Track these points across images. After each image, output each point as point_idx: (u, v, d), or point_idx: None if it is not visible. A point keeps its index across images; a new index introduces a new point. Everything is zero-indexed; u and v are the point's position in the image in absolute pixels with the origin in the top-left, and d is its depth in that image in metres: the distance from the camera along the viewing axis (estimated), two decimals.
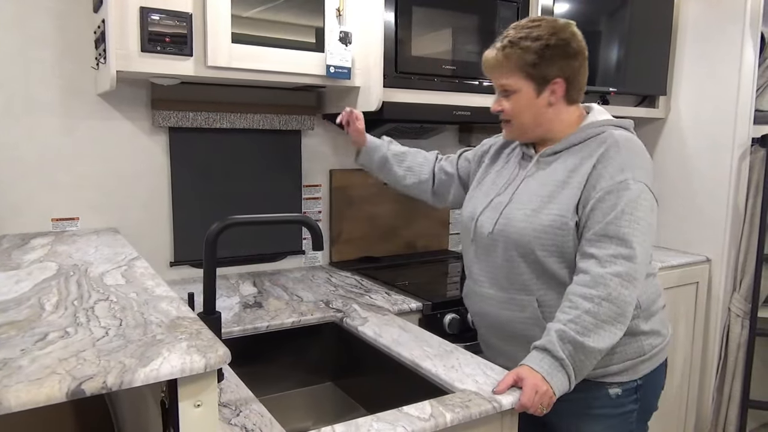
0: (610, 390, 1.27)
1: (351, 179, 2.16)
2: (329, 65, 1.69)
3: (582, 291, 1.15)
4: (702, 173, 2.46)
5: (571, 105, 1.30)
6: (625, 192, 1.17)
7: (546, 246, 1.23)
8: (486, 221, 1.33)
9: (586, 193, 1.20)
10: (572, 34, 1.25)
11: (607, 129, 1.27)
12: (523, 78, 1.24)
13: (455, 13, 1.90)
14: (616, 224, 1.16)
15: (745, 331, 2.42)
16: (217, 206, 1.90)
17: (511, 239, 1.26)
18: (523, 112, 1.28)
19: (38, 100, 1.64)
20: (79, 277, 1.16)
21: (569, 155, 1.26)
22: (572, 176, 1.23)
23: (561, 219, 1.21)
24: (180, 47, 1.50)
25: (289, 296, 1.72)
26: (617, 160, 1.20)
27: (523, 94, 1.26)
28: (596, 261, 1.15)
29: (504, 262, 1.29)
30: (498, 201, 1.33)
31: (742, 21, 2.29)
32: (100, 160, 1.74)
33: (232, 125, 1.87)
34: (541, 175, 1.29)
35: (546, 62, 1.22)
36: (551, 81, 1.24)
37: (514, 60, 1.23)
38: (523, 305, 1.28)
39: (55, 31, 1.64)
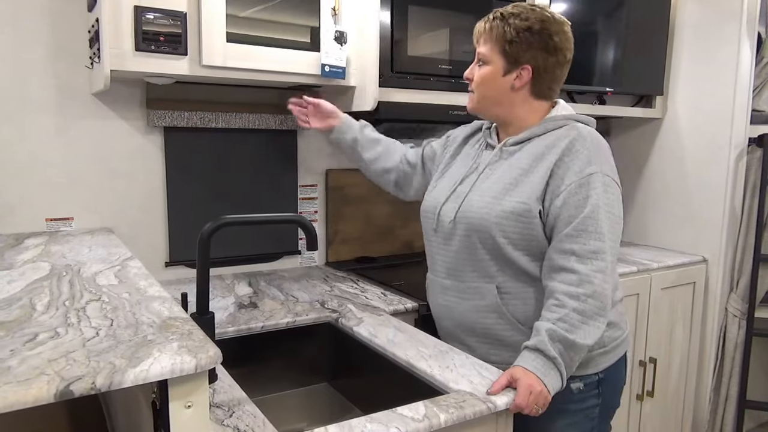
0: (572, 384, 1.27)
1: (347, 179, 2.16)
2: (324, 64, 1.68)
3: (567, 289, 1.16)
4: (699, 173, 2.46)
5: (538, 99, 1.31)
6: (596, 185, 1.19)
7: (507, 233, 1.24)
8: (448, 210, 1.34)
9: (554, 184, 1.21)
10: (560, 31, 1.26)
11: (570, 123, 1.29)
12: (497, 52, 1.27)
13: (452, 12, 1.89)
14: (593, 218, 1.17)
15: (742, 331, 2.42)
16: (213, 206, 1.89)
17: (471, 225, 1.28)
18: (487, 85, 1.30)
19: (32, 99, 1.64)
20: (72, 277, 1.15)
21: (531, 145, 1.28)
22: (536, 165, 1.24)
23: (523, 206, 1.22)
24: (174, 46, 1.49)
25: (285, 296, 1.71)
26: (584, 153, 1.21)
27: (492, 68, 1.28)
28: (577, 258, 1.16)
29: (464, 248, 1.30)
30: (460, 190, 1.35)
31: (739, 21, 2.29)
32: (94, 159, 1.73)
33: (228, 125, 1.87)
34: (503, 164, 1.30)
35: (522, 45, 1.24)
36: (521, 65, 1.26)
37: (495, 32, 1.26)
38: (482, 293, 1.29)
39: (48, 30, 1.64)
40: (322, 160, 2.12)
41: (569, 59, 1.30)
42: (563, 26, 1.28)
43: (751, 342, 2.41)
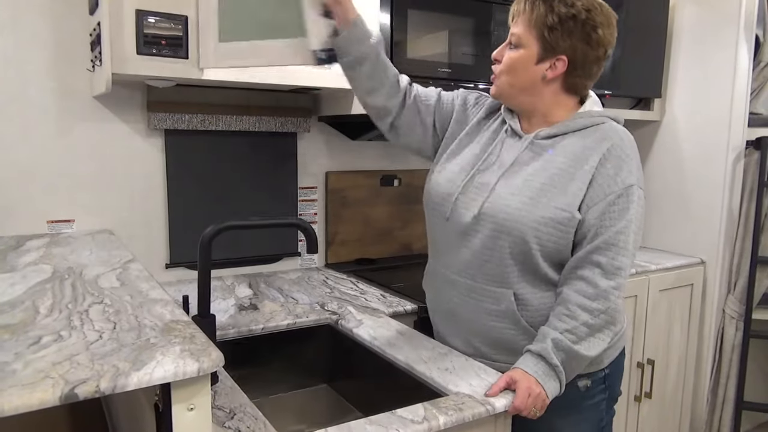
0: (579, 383, 1.26)
1: (346, 181, 2.17)
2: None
3: (582, 302, 1.14)
4: (697, 175, 2.47)
5: (568, 93, 1.23)
6: (634, 198, 1.15)
7: (542, 241, 1.16)
8: (468, 201, 1.24)
9: (593, 192, 1.15)
10: (607, 24, 1.17)
11: (607, 121, 1.22)
12: (534, 36, 1.16)
13: (451, 16, 1.90)
14: (625, 234, 1.14)
15: (739, 333, 2.43)
16: (213, 208, 1.90)
17: (503, 227, 1.18)
18: (517, 71, 1.19)
19: (33, 102, 1.64)
20: (74, 279, 1.16)
21: (566, 141, 1.20)
22: (577, 168, 1.16)
23: (564, 214, 1.15)
24: (176, 50, 1.49)
25: (285, 298, 1.72)
26: (626, 162, 1.16)
27: (526, 53, 1.18)
28: (601, 272, 1.14)
29: (486, 249, 1.21)
30: (483, 180, 1.24)
31: (736, 24, 2.30)
32: (95, 162, 1.74)
33: (228, 127, 1.88)
34: (537, 158, 1.20)
35: (563, 33, 1.15)
36: (556, 55, 1.17)
37: (536, 14, 1.15)
38: (498, 298, 1.22)
39: (50, 34, 1.64)
40: (321, 162, 2.12)
41: (609, 56, 1.21)
42: (610, 19, 1.19)
43: (748, 344, 2.42)
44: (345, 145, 2.17)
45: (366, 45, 1.27)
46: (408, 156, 2.31)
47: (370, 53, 1.28)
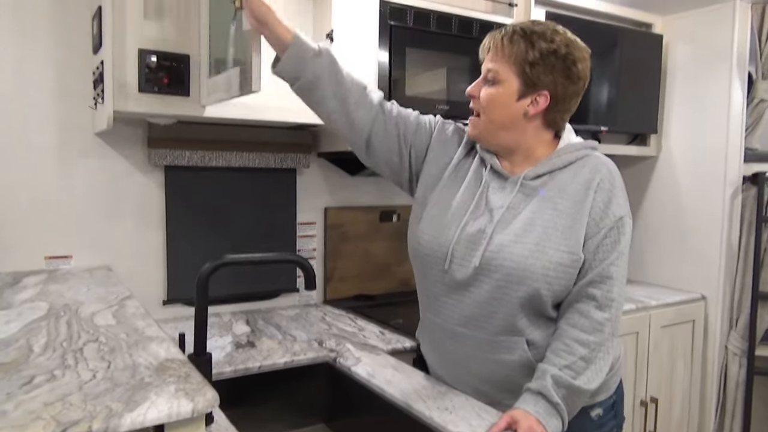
0: (592, 413, 1.25)
1: (345, 217, 2.17)
2: None
3: (579, 336, 1.13)
4: (695, 210, 2.48)
5: (548, 128, 1.21)
6: (625, 230, 1.16)
7: (552, 286, 1.13)
8: (466, 252, 1.18)
9: (589, 228, 1.15)
10: (583, 58, 1.17)
11: (590, 152, 1.22)
12: (514, 72, 1.14)
13: (449, 54, 1.93)
14: (617, 266, 1.14)
15: (742, 370, 2.40)
16: (212, 244, 1.90)
17: (512, 276, 1.13)
18: (497, 108, 1.16)
19: (34, 137, 1.66)
20: (70, 317, 1.15)
21: (557, 180, 1.18)
22: (576, 208, 1.15)
23: (572, 257, 1.12)
24: (177, 87, 1.52)
25: (283, 335, 1.70)
26: (615, 194, 1.16)
27: (505, 89, 1.15)
28: (596, 304, 1.13)
29: (491, 300, 1.17)
30: (477, 228, 1.18)
31: (729, 62, 2.34)
32: (94, 197, 1.74)
33: (228, 163, 1.89)
34: (530, 201, 1.17)
35: (545, 68, 1.13)
36: (538, 90, 1.14)
37: (515, 50, 1.13)
38: (510, 347, 1.18)
39: (53, 71, 1.67)
40: (320, 198, 2.13)
41: (585, 87, 1.20)
42: (585, 54, 1.18)
43: (752, 381, 2.38)
44: (344, 180, 2.18)
45: (310, 62, 1.17)
46: None
47: (318, 70, 1.18)
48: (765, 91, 2.38)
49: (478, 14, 1.97)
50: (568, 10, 2.30)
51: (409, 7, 1.81)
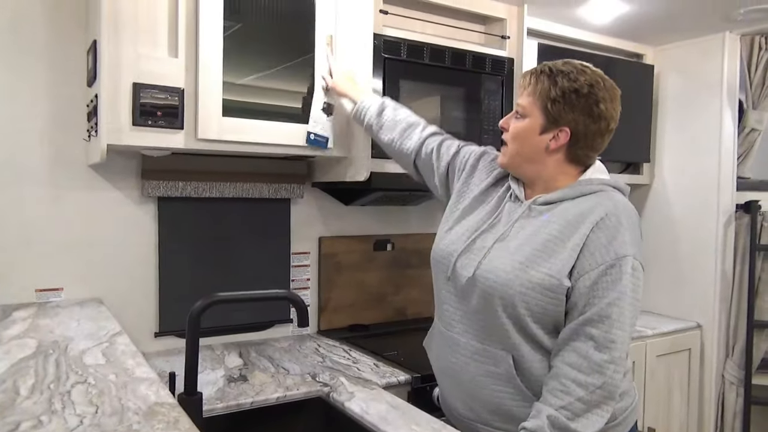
0: None
1: (340, 246, 2.16)
2: (309, 132, 1.68)
3: (576, 376, 1.11)
4: (689, 239, 2.49)
5: (572, 164, 1.24)
6: (627, 270, 1.13)
7: (530, 305, 1.15)
8: (467, 263, 1.25)
9: (584, 260, 1.13)
10: (609, 98, 1.20)
11: (606, 189, 1.22)
12: (538, 107, 1.20)
13: (442, 85, 1.95)
14: (619, 306, 1.11)
15: (740, 399, 2.39)
16: (205, 275, 1.88)
17: (494, 289, 1.18)
18: (521, 140, 1.23)
19: (27, 169, 1.65)
20: (58, 355, 1.13)
21: (563, 208, 1.20)
22: (568, 234, 1.16)
23: (552, 280, 1.14)
24: (171, 120, 1.52)
25: (276, 368, 1.68)
26: (620, 232, 1.14)
27: (530, 123, 1.21)
28: (595, 345, 1.11)
29: (483, 309, 1.21)
30: (480, 244, 1.26)
31: (720, 92, 2.38)
32: (87, 229, 1.73)
33: (222, 194, 1.88)
34: (532, 224, 1.21)
35: (566, 106, 1.18)
36: (560, 126, 1.19)
37: (540, 87, 1.20)
38: (497, 360, 1.20)
39: (47, 103, 1.67)
40: (315, 228, 2.12)
41: (612, 129, 1.23)
42: (614, 94, 1.22)
43: (749, 410, 2.37)
44: (338, 210, 2.17)
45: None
46: (401, 221, 2.31)
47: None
48: (756, 120, 2.40)
49: (472, 46, 2.00)
50: (560, 42, 2.33)
51: (403, 40, 1.83)
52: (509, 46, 2.07)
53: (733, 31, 2.35)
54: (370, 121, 1.60)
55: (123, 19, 1.46)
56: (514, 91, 2.06)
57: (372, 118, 1.59)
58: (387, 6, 1.84)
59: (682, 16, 2.20)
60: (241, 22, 1.60)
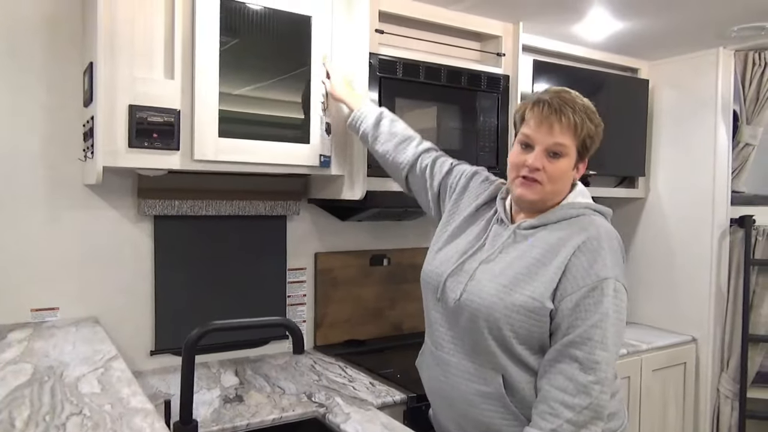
0: None
1: (336, 261, 2.17)
2: (321, 155, 1.72)
3: (563, 398, 1.12)
4: (684, 253, 2.50)
5: None
6: (608, 292, 1.15)
7: (514, 327, 1.18)
8: (454, 284, 1.28)
9: (566, 282, 1.16)
10: None
11: (588, 213, 1.25)
12: (575, 147, 1.23)
13: (437, 103, 1.96)
14: (602, 327, 1.13)
15: (735, 413, 2.39)
16: (201, 293, 1.88)
17: (480, 312, 1.21)
18: (561, 179, 1.24)
19: (23, 189, 1.65)
20: (54, 383, 1.13)
21: (545, 232, 1.23)
22: (550, 258, 1.19)
23: (534, 303, 1.16)
24: (167, 142, 1.52)
25: (271, 387, 1.69)
26: (601, 255, 1.17)
27: (568, 162, 1.23)
28: (580, 366, 1.12)
29: (471, 331, 1.24)
30: (468, 266, 1.28)
31: (714, 107, 2.39)
32: (83, 248, 1.73)
33: (218, 212, 1.89)
34: (517, 248, 1.25)
35: (594, 143, 1.25)
36: (584, 160, 1.26)
37: (582, 128, 1.21)
38: (487, 379, 1.22)
39: (44, 122, 1.67)
40: (311, 243, 2.13)
41: None
42: None
43: (745, 424, 2.37)
44: (334, 225, 2.18)
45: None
46: (397, 235, 2.32)
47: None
48: (750, 135, 2.42)
49: (467, 64, 2.01)
50: (556, 57, 2.34)
51: (399, 59, 1.84)
52: (505, 63, 2.08)
53: (727, 47, 2.36)
54: (366, 130, 1.61)
55: (119, 41, 1.47)
56: (510, 108, 2.07)
57: (368, 128, 1.61)
58: (382, 25, 1.84)
59: (677, 33, 2.22)
60: (238, 38, 1.61)
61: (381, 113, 1.62)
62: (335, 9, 1.75)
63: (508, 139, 2.07)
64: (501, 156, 2.06)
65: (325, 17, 1.72)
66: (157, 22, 1.51)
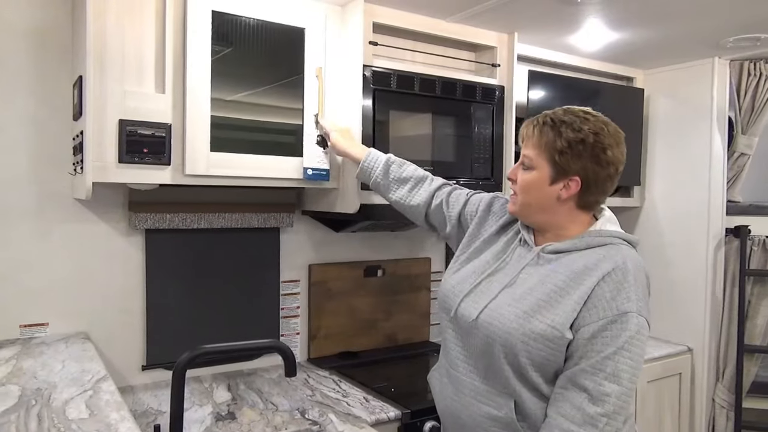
0: None
1: (330, 273, 2.15)
2: (306, 167, 1.70)
3: (569, 427, 1.09)
4: (679, 262, 2.49)
5: (583, 210, 1.24)
6: (628, 325, 1.11)
7: (532, 355, 1.15)
8: (471, 305, 1.25)
9: (586, 312, 1.13)
10: (615, 144, 1.20)
11: (615, 242, 1.20)
12: (545, 159, 1.20)
13: (432, 115, 1.94)
14: (614, 360, 1.10)
15: (730, 423, 2.39)
16: (193, 307, 1.86)
17: (496, 335, 1.18)
18: (531, 192, 1.23)
19: (12, 204, 1.63)
20: (41, 408, 1.11)
21: (571, 259, 1.20)
22: (573, 286, 1.15)
23: (554, 332, 1.13)
24: (158, 157, 1.51)
25: (264, 404, 1.67)
26: (625, 288, 1.13)
27: (538, 175, 1.21)
28: (588, 397, 1.09)
29: (483, 353, 1.22)
30: (486, 287, 1.26)
31: (709, 116, 2.38)
32: (73, 263, 1.71)
33: (210, 225, 1.87)
34: (539, 272, 1.21)
35: (573, 156, 1.17)
36: (569, 176, 1.19)
37: (545, 139, 1.20)
38: (499, 403, 1.20)
39: (33, 136, 1.65)
40: (304, 255, 2.11)
41: (621, 171, 1.22)
42: (619, 138, 1.21)
43: None
44: (328, 237, 2.16)
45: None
46: (391, 246, 2.30)
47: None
48: (745, 145, 2.41)
49: (462, 75, 1.99)
50: (551, 67, 2.33)
51: (393, 71, 1.82)
52: (500, 73, 2.06)
53: (722, 57, 2.36)
54: (377, 180, 1.59)
55: (109, 54, 1.45)
56: (505, 119, 2.06)
57: (378, 177, 1.59)
58: (377, 36, 1.83)
59: (672, 44, 2.21)
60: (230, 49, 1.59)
61: (388, 160, 1.60)
62: (329, 21, 1.73)
63: (503, 150, 2.06)
64: (496, 167, 2.05)
65: (318, 29, 1.71)
66: (147, 36, 1.50)
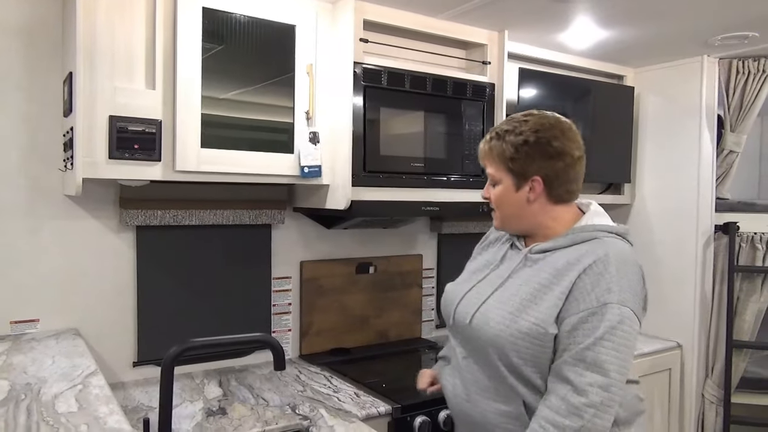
0: None
1: (322, 270, 2.15)
2: (303, 166, 1.71)
3: (554, 418, 1.11)
4: (669, 259, 2.51)
5: (558, 204, 1.25)
6: (608, 316, 1.12)
7: (521, 354, 1.17)
8: (465, 310, 1.28)
9: (568, 305, 1.14)
10: (559, 134, 1.22)
11: (600, 235, 1.21)
12: (504, 170, 1.24)
13: (422, 113, 1.95)
14: (594, 351, 1.11)
15: (719, 418, 2.41)
16: (184, 303, 1.87)
17: (488, 338, 1.21)
18: (504, 204, 1.27)
19: (2, 200, 1.63)
20: (30, 402, 1.11)
21: (555, 257, 1.21)
22: (556, 282, 1.17)
23: (538, 329, 1.15)
24: (149, 153, 1.51)
25: (255, 399, 1.67)
26: (605, 278, 1.13)
27: (504, 186, 1.25)
28: (572, 388, 1.11)
29: (481, 354, 1.25)
30: (479, 291, 1.29)
31: (698, 114, 2.40)
32: (64, 259, 1.71)
33: (201, 222, 1.87)
34: (526, 273, 1.24)
35: (524, 159, 1.21)
36: (530, 178, 1.22)
37: (496, 152, 1.25)
38: (507, 398, 1.21)
39: (23, 133, 1.65)
40: (296, 252, 2.12)
41: (578, 156, 1.23)
42: (560, 126, 1.23)
43: (729, 429, 2.39)
44: (320, 233, 2.17)
45: None
46: (383, 243, 2.31)
47: None
48: (733, 143, 2.43)
49: (452, 72, 2.00)
50: (541, 65, 2.35)
51: (384, 68, 1.83)
52: (490, 71, 2.07)
53: (711, 55, 2.37)
54: None
55: (99, 51, 1.45)
56: (495, 117, 2.07)
57: None
58: (367, 34, 1.84)
59: (662, 42, 2.23)
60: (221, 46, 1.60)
61: None
62: (319, 18, 1.74)
63: None
64: None
65: (309, 26, 1.72)
66: (137, 32, 1.50)
